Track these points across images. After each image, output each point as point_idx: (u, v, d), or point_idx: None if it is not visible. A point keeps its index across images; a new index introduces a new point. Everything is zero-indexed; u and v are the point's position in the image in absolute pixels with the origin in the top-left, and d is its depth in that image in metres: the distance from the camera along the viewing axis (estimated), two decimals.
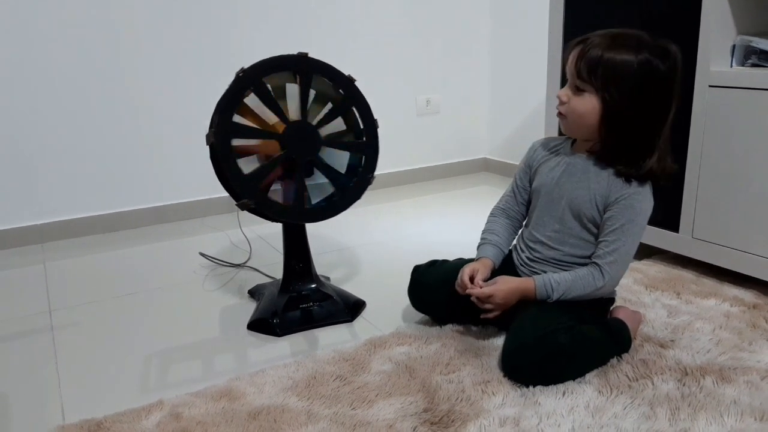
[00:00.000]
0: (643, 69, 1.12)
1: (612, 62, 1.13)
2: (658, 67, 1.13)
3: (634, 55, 1.12)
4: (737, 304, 1.48)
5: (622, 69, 1.12)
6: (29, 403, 1.20)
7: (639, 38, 1.15)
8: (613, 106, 1.14)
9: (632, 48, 1.13)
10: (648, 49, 1.13)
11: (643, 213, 1.21)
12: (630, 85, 1.13)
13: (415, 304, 1.42)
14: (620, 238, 1.20)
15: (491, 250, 1.35)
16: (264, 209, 1.39)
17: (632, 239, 1.21)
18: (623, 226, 1.19)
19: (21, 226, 2.14)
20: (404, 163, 2.87)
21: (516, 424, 1.05)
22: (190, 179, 2.37)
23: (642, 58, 1.12)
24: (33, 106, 2.08)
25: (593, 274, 1.22)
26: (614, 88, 1.13)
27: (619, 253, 1.21)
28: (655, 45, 1.14)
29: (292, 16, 2.45)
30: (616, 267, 1.21)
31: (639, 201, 1.19)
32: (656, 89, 1.14)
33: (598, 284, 1.22)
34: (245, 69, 1.35)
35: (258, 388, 1.18)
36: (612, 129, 1.17)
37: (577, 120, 1.20)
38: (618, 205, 1.20)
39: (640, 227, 1.21)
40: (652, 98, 1.15)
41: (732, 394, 1.12)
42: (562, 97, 1.20)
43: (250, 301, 1.62)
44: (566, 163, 1.28)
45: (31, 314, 1.59)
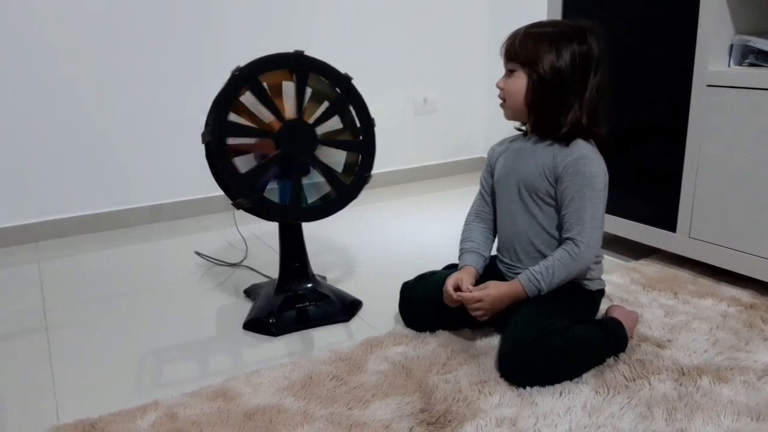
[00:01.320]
0: (559, 39, 1.22)
1: (531, 38, 1.24)
2: (573, 37, 1.23)
3: (550, 29, 1.24)
4: (734, 304, 1.48)
5: (540, 42, 1.22)
6: (23, 403, 1.19)
7: (557, 22, 1.31)
8: (537, 77, 1.22)
9: (549, 25, 1.26)
10: (563, 25, 1.26)
11: (594, 175, 1.22)
12: (548, 55, 1.22)
13: (407, 321, 1.41)
14: (581, 205, 1.22)
15: (472, 258, 1.37)
16: (259, 208, 1.38)
17: (593, 202, 1.22)
18: (579, 192, 1.21)
19: (15, 225, 2.12)
20: (401, 162, 2.87)
21: (513, 424, 1.05)
22: (185, 178, 2.36)
23: (557, 30, 1.24)
24: (27, 105, 2.07)
25: (568, 250, 1.23)
26: (536, 59, 1.22)
27: (584, 219, 1.22)
28: (571, 24, 1.26)
29: (289, 14, 2.44)
30: (587, 234, 1.22)
31: (586, 165, 1.21)
32: (573, 57, 1.22)
33: (577, 257, 1.22)
34: (241, 67, 1.34)
35: (254, 388, 1.18)
36: (537, 99, 1.24)
37: (513, 101, 1.26)
38: (567, 174, 1.22)
39: (597, 190, 1.22)
40: (570, 66, 1.22)
41: (729, 394, 1.12)
42: (499, 84, 1.28)
43: (245, 301, 1.61)
44: (516, 149, 1.33)
45: (25, 313, 1.58)
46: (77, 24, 2.09)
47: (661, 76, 1.63)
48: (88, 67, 2.14)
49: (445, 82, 2.88)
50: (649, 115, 1.68)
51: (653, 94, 1.66)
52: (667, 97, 1.63)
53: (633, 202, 1.76)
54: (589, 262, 1.26)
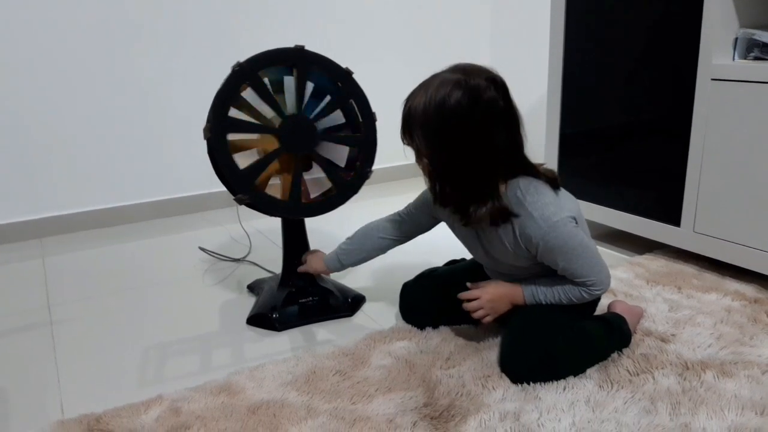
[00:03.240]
0: (438, 113, 1.06)
1: (412, 114, 1.09)
2: (455, 105, 1.05)
3: (428, 101, 1.07)
4: (738, 298, 1.48)
5: (420, 118, 1.08)
6: (28, 398, 1.19)
7: (443, 78, 1.08)
8: (431, 157, 1.11)
9: (428, 95, 1.07)
10: (447, 87, 1.06)
11: (570, 236, 1.12)
12: (433, 132, 1.08)
13: (408, 320, 1.41)
14: (576, 267, 1.14)
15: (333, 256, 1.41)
16: (260, 204, 1.38)
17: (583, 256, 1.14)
18: (567, 259, 1.14)
19: (19, 221, 2.13)
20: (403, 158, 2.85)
21: (516, 418, 1.05)
22: (189, 173, 2.36)
23: (437, 99, 1.06)
24: (31, 102, 2.07)
25: (581, 291, 1.18)
26: (423, 139, 1.09)
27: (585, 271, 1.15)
28: (459, 80, 1.06)
29: (290, 9, 2.43)
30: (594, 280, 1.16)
31: (556, 237, 1.11)
32: (461, 127, 1.06)
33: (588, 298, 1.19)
34: (241, 63, 1.34)
35: (257, 383, 1.18)
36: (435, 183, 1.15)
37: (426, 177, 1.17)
38: (545, 252, 1.14)
39: (580, 245, 1.13)
40: (460, 138, 1.07)
41: (733, 389, 1.11)
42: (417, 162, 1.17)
43: (249, 296, 1.62)
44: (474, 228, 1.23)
45: (30, 309, 1.59)
46: (80, 20, 2.09)
47: (666, 70, 1.62)
48: (91, 64, 2.14)
49: None
50: (654, 109, 1.67)
51: (658, 88, 1.65)
52: (671, 91, 1.62)
53: (637, 196, 1.75)
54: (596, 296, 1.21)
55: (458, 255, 1.58)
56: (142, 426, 1.07)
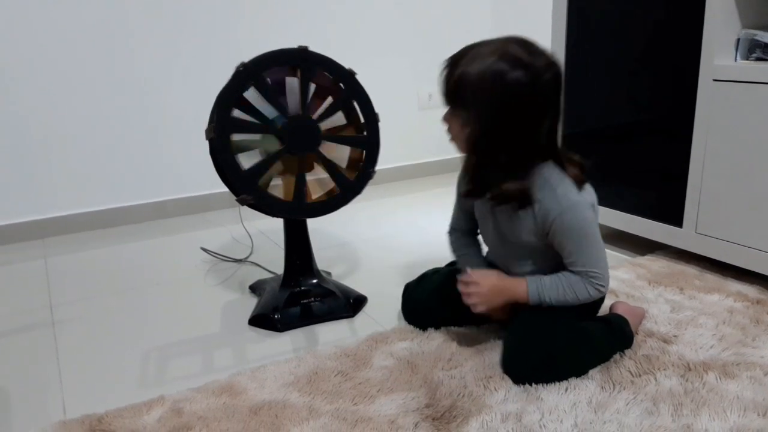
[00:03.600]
0: (497, 84, 1.04)
1: (466, 80, 1.06)
2: (517, 81, 1.04)
3: (488, 69, 1.04)
4: (741, 299, 1.48)
5: (476, 86, 1.06)
6: (30, 398, 1.19)
7: (503, 51, 1.05)
8: (472, 128, 1.09)
9: (490, 61, 1.05)
10: (508, 61, 1.04)
11: (585, 221, 1.13)
12: (485, 103, 1.06)
13: (410, 321, 1.40)
14: (583, 254, 1.15)
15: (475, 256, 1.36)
16: (263, 205, 1.38)
17: (594, 248, 1.16)
18: (578, 245, 1.14)
19: (22, 222, 2.13)
20: (406, 158, 2.86)
21: (518, 419, 1.05)
22: (191, 174, 2.37)
23: (497, 71, 1.04)
24: (33, 102, 2.08)
25: (586, 286, 1.18)
26: (470, 108, 1.08)
27: (592, 261, 1.16)
28: (519, 56, 1.05)
29: (293, 9, 2.43)
30: (598, 273, 1.17)
31: (572, 217, 1.12)
32: (514, 104, 1.05)
33: (593, 295, 1.18)
34: (245, 63, 1.34)
35: (259, 384, 1.18)
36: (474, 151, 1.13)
37: (459, 144, 1.15)
38: (556, 234, 1.14)
39: (592, 235, 1.15)
40: (511, 114, 1.06)
41: (735, 390, 1.11)
42: (444, 121, 1.16)
43: (251, 297, 1.62)
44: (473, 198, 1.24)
45: (32, 309, 1.59)
46: (82, 21, 2.09)
47: (667, 70, 1.62)
48: (92, 64, 2.14)
49: None
50: (656, 109, 1.67)
51: (659, 89, 1.65)
52: (673, 91, 1.62)
53: (639, 197, 1.75)
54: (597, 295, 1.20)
55: None
56: (144, 426, 1.07)
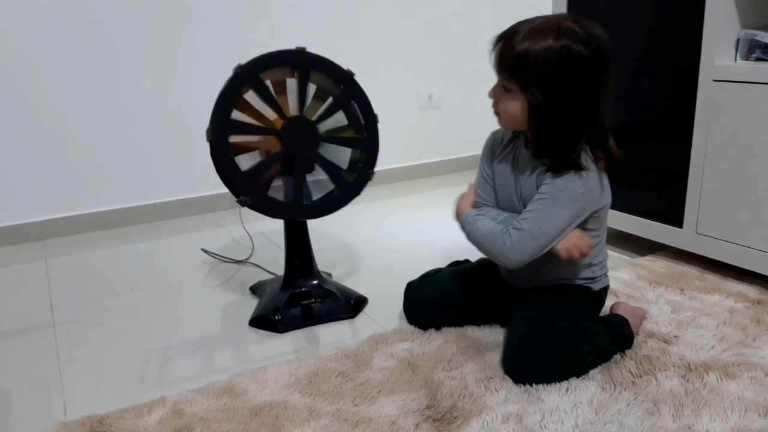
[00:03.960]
0: (562, 58, 1.06)
1: (530, 56, 1.07)
2: (579, 54, 1.07)
3: (551, 45, 1.06)
4: (741, 299, 1.47)
5: (541, 63, 1.07)
6: (31, 400, 1.20)
7: (560, 25, 1.08)
8: (537, 102, 1.09)
9: (550, 38, 1.06)
10: (567, 36, 1.07)
11: (567, 192, 1.12)
12: (550, 77, 1.08)
13: (411, 321, 1.40)
14: (535, 209, 1.14)
15: None
16: (262, 206, 1.38)
17: (548, 213, 1.13)
18: (542, 199, 1.13)
19: (22, 223, 2.14)
20: (406, 159, 2.87)
21: (519, 420, 1.05)
22: (191, 175, 2.37)
23: (560, 46, 1.06)
24: (35, 103, 2.08)
25: (504, 236, 1.15)
26: (535, 83, 1.08)
27: (529, 222, 1.13)
28: (576, 30, 1.07)
29: (293, 11, 2.44)
30: (521, 235, 1.14)
31: (566, 180, 1.12)
32: (579, 78, 1.08)
33: (505, 249, 1.15)
34: (242, 65, 1.34)
35: (260, 385, 1.18)
36: (539, 125, 1.13)
37: (510, 119, 1.16)
38: (544, 183, 1.15)
39: (561, 206, 1.13)
40: (575, 88, 1.09)
41: (736, 390, 1.11)
42: (492, 96, 1.17)
43: (251, 298, 1.62)
44: (517, 160, 1.24)
45: (32, 311, 1.59)
46: (84, 22, 2.09)
47: (667, 71, 1.62)
48: (94, 65, 2.14)
49: (450, 78, 2.87)
50: (655, 110, 1.67)
51: (659, 90, 1.65)
52: (673, 92, 1.62)
53: (639, 197, 1.75)
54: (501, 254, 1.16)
55: (461, 256, 1.57)
56: (144, 428, 1.07)
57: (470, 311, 1.36)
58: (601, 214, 1.22)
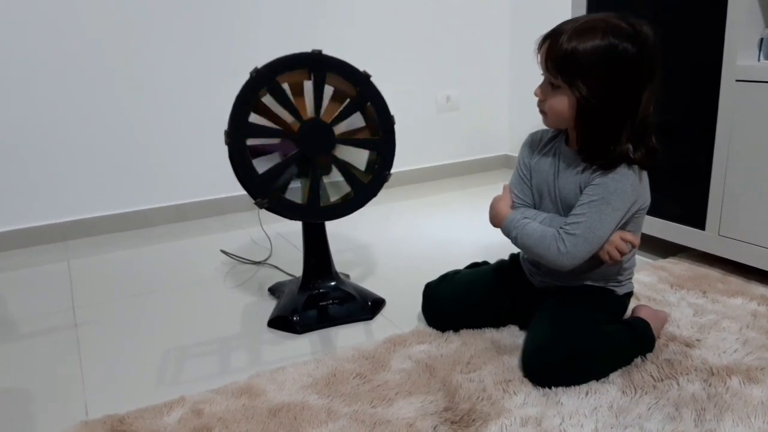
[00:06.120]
0: (609, 56, 1.09)
1: (578, 54, 1.09)
2: (626, 51, 1.09)
3: (599, 43, 1.08)
4: (765, 302, 1.45)
5: (588, 60, 1.09)
6: (53, 399, 1.21)
7: (606, 23, 1.10)
8: (585, 99, 1.11)
9: (597, 36, 1.09)
10: (614, 34, 1.09)
11: (618, 192, 1.13)
12: (598, 75, 1.09)
13: (430, 321, 1.40)
14: (586, 212, 1.14)
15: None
16: (279, 208, 1.39)
17: (600, 216, 1.13)
18: (592, 202, 1.14)
19: (45, 224, 2.17)
20: (424, 160, 2.86)
21: (538, 423, 1.04)
22: (211, 177, 2.38)
23: (607, 44, 1.08)
24: (55, 106, 2.11)
25: (557, 242, 1.15)
26: (583, 80, 1.10)
27: (582, 227, 1.14)
28: (623, 28, 1.10)
29: (309, 13, 2.45)
30: (575, 240, 1.14)
31: (614, 179, 1.13)
32: (626, 74, 1.10)
33: (560, 255, 1.15)
34: (258, 69, 1.35)
35: (278, 386, 1.19)
36: (586, 121, 1.14)
37: (557, 117, 1.17)
38: (593, 183, 1.15)
39: (613, 208, 1.13)
40: (622, 84, 1.10)
41: (759, 395, 1.09)
42: (539, 95, 1.18)
43: (270, 299, 1.63)
44: (558, 159, 1.24)
45: (55, 311, 1.61)
46: (103, 24, 2.12)
47: (690, 71, 1.60)
48: (113, 67, 2.17)
49: (467, 79, 2.86)
50: (678, 110, 1.65)
51: (682, 90, 1.63)
52: (695, 92, 1.60)
53: (661, 199, 1.72)
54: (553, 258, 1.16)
55: (480, 258, 1.57)
56: (164, 427, 1.08)
57: (489, 313, 1.35)
58: (640, 215, 1.22)
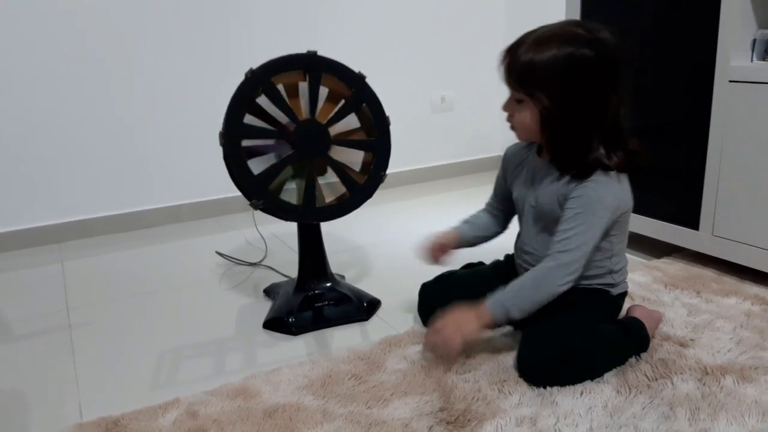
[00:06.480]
0: (567, 64, 1.07)
1: (535, 66, 1.08)
2: (584, 57, 1.07)
3: (555, 52, 1.07)
4: (758, 302, 1.46)
5: (546, 70, 1.08)
6: (47, 401, 1.21)
7: (564, 31, 1.09)
8: (548, 111, 1.10)
9: (554, 45, 1.08)
10: (570, 42, 1.07)
11: (599, 201, 1.12)
12: (557, 84, 1.08)
13: (426, 322, 1.40)
14: (573, 226, 1.13)
15: (462, 225, 1.42)
16: (274, 209, 1.39)
17: (587, 228, 1.13)
18: (577, 215, 1.13)
19: (39, 226, 2.16)
20: (418, 161, 2.86)
21: (533, 423, 1.04)
22: (205, 178, 2.38)
23: (564, 53, 1.07)
24: (49, 107, 2.10)
25: (554, 271, 1.14)
26: (543, 92, 1.09)
27: (575, 240, 1.13)
28: (580, 34, 1.08)
29: (307, 15, 2.45)
30: (574, 258, 1.13)
31: (594, 189, 1.13)
32: (587, 81, 1.09)
33: (546, 276, 1.14)
34: (254, 69, 1.35)
35: (273, 387, 1.19)
36: (552, 132, 1.13)
37: (525, 131, 1.17)
38: (573, 196, 1.14)
39: (598, 217, 1.13)
40: (584, 91, 1.09)
41: (753, 394, 1.10)
42: (506, 109, 1.18)
43: (265, 300, 1.62)
44: (533, 172, 1.25)
45: (49, 313, 1.61)
46: (97, 25, 2.12)
47: (683, 72, 1.61)
48: (108, 69, 2.16)
49: (462, 80, 2.87)
50: (671, 111, 1.66)
51: (675, 91, 1.64)
52: (688, 93, 1.60)
53: (655, 199, 1.74)
54: (560, 284, 1.14)
55: (475, 258, 1.57)
56: (159, 429, 1.07)
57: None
58: (623, 219, 1.21)
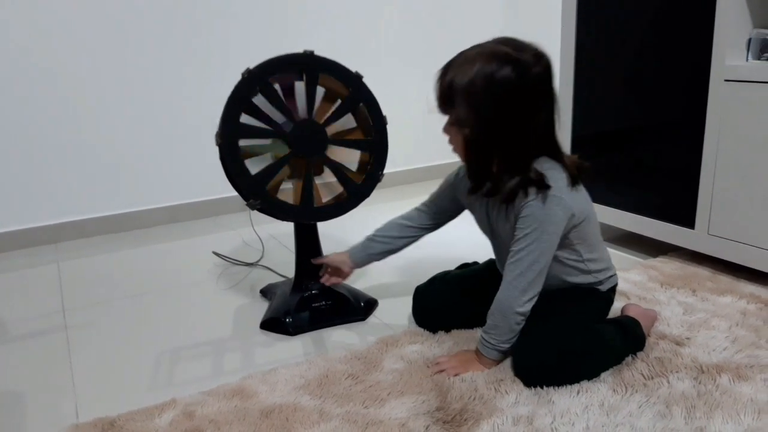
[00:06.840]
0: (487, 85, 1.06)
1: (455, 88, 1.08)
2: (504, 79, 1.05)
3: (477, 72, 1.06)
4: (754, 301, 1.46)
5: (466, 92, 1.07)
6: (44, 402, 1.21)
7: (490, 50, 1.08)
8: (470, 131, 1.10)
9: (478, 64, 1.06)
10: (495, 61, 1.06)
11: (548, 218, 1.11)
12: (477, 105, 1.07)
13: (420, 323, 1.40)
14: (523, 247, 1.13)
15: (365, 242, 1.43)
16: (271, 209, 1.39)
17: (535, 245, 1.12)
18: (527, 234, 1.12)
19: (35, 227, 2.15)
20: (415, 161, 2.86)
21: (529, 422, 1.05)
22: (201, 179, 2.38)
23: (485, 73, 1.05)
24: (45, 108, 2.10)
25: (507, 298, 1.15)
26: (466, 110, 1.09)
27: (522, 262, 1.13)
28: (506, 54, 1.06)
29: (303, 14, 2.45)
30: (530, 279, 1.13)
31: (539, 207, 1.11)
32: (506, 102, 1.07)
33: (524, 298, 1.14)
34: (251, 69, 1.35)
35: (270, 387, 1.19)
36: (473, 152, 1.13)
37: (460, 153, 1.17)
38: (522, 215, 1.13)
39: (548, 233, 1.12)
40: (503, 112, 1.08)
41: (749, 392, 1.10)
42: (445, 132, 1.17)
43: (262, 301, 1.62)
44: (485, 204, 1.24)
45: (45, 314, 1.61)
46: (92, 26, 2.11)
47: (679, 71, 1.61)
48: (104, 69, 2.16)
49: None
50: (667, 110, 1.66)
51: (670, 90, 1.64)
52: (684, 92, 1.61)
53: (650, 198, 1.74)
54: (522, 308, 1.15)
55: (470, 258, 1.57)
56: (156, 429, 1.07)
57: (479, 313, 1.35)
58: (582, 228, 1.19)
